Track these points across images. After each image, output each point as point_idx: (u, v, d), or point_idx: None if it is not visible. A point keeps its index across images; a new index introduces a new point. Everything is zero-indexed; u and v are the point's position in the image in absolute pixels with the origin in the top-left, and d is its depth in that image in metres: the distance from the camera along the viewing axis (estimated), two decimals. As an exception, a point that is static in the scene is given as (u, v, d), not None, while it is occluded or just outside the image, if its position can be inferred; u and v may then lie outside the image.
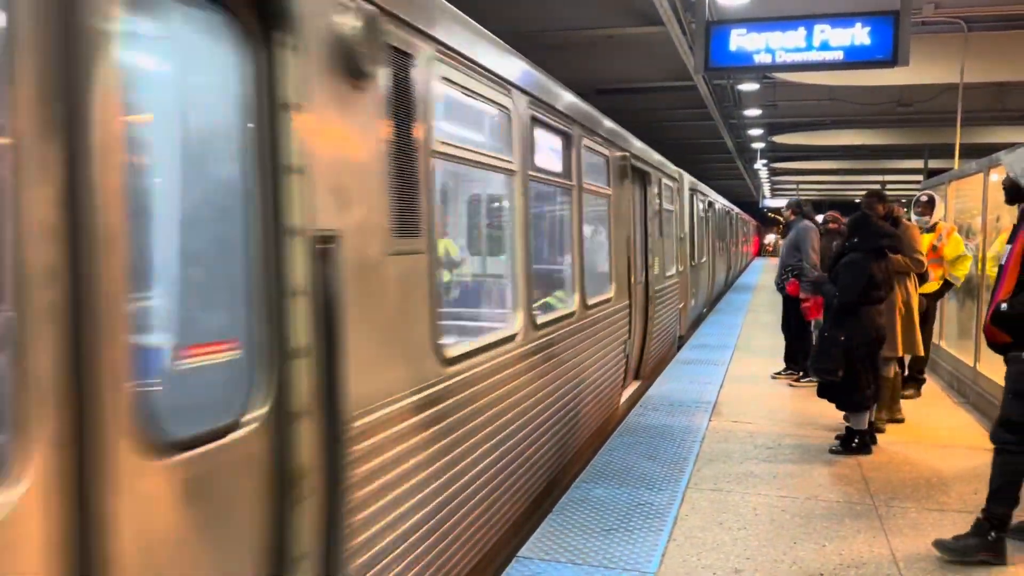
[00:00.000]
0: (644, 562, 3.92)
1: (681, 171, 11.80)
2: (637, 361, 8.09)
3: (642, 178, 8.25)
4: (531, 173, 4.50)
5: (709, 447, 5.91)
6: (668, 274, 9.79)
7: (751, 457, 5.66)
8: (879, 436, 5.99)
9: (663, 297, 9.33)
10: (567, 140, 5.46)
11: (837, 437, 5.90)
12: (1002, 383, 4.13)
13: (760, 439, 6.12)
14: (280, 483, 2.25)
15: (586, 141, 5.85)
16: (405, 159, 2.89)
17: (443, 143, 3.29)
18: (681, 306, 11.27)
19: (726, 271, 22.00)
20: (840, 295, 5.57)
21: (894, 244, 5.71)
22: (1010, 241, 3.99)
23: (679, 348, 10.80)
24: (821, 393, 5.88)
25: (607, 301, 6.41)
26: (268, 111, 2.23)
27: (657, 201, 9.05)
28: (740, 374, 8.83)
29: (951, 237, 7.19)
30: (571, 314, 5.35)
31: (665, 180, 9.83)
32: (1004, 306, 3.83)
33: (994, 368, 5.86)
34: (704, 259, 14.80)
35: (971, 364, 7.37)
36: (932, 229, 7.21)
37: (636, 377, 8.10)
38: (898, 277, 6.03)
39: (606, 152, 6.59)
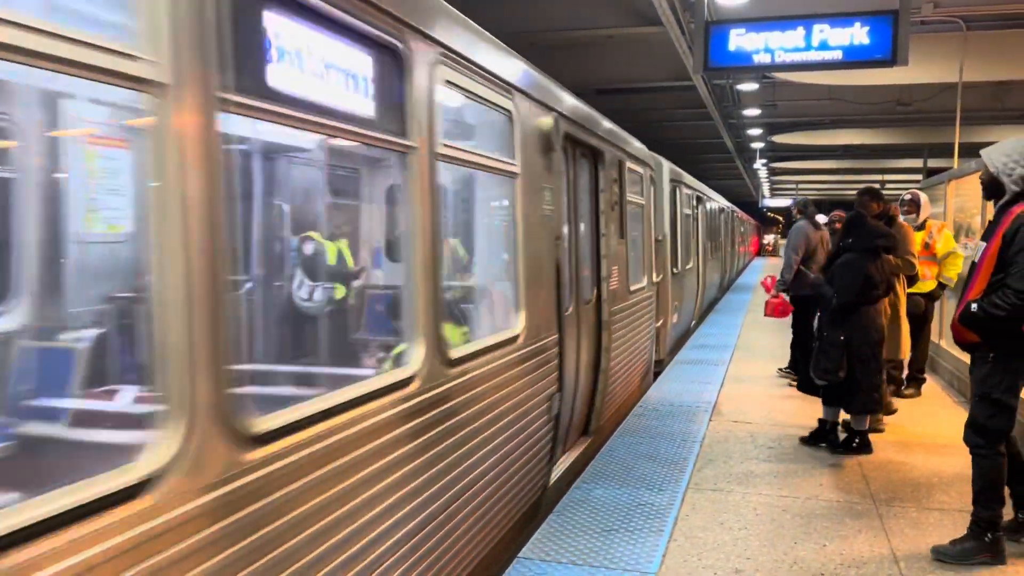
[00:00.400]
0: (645, 562, 3.92)
1: (658, 156, 9.63)
2: (585, 413, 5.89)
3: (593, 157, 6.04)
4: (258, 105, 2.16)
5: (709, 447, 5.91)
6: (636, 287, 7.55)
7: (751, 457, 5.66)
8: (879, 436, 5.99)
9: (628, 319, 7.10)
10: (394, 60, 2.94)
11: (802, 440, 5.94)
12: None
13: (760, 439, 6.12)
14: None
15: (448, 71, 3.33)
16: None
17: None
18: (659, 324, 9.31)
19: (721, 275, 19.59)
20: (838, 295, 5.55)
21: (889, 244, 5.69)
22: (984, 238, 3.88)
23: (657, 375, 8.81)
24: (803, 388, 5.87)
25: (508, 343, 4.00)
26: None
27: (616, 189, 6.66)
28: (740, 374, 8.83)
29: (942, 233, 7.21)
30: (404, 382, 2.94)
31: (631, 164, 7.35)
32: (974, 306, 3.74)
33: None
34: (691, 265, 12.74)
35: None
36: (922, 227, 7.22)
37: (585, 432, 5.91)
38: None
39: (507, 104, 4.08)
